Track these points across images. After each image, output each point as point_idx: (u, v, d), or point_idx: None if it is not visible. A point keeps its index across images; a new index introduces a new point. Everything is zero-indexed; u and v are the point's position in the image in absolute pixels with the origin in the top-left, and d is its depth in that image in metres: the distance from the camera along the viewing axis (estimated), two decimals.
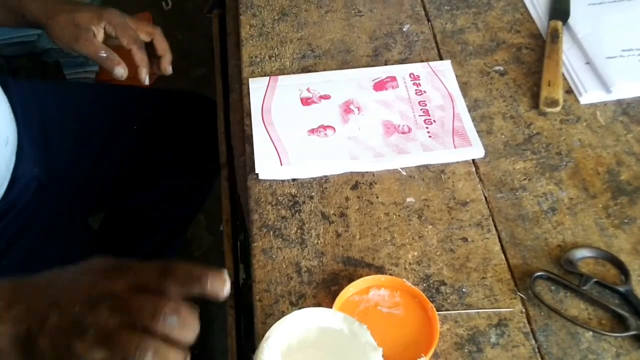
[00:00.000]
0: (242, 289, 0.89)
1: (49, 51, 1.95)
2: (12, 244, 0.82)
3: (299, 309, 0.64)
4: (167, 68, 0.94)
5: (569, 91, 0.82)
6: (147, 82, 0.92)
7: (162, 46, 0.93)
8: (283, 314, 0.63)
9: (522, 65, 0.85)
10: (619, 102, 0.80)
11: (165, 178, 1.09)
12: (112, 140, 1.03)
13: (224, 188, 1.00)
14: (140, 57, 0.89)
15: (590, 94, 0.80)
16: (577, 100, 0.81)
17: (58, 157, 0.95)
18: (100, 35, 0.90)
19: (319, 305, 0.64)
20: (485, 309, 0.63)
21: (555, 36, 0.85)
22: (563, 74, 0.83)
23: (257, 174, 0.74)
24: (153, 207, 1.11)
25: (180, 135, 1.03)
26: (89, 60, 1.97)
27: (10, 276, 0.50)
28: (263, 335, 0.62)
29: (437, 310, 0.63)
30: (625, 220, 0.69)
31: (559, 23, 0.87)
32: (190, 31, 2.04)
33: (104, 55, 0.88)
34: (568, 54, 0.85)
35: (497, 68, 0.85)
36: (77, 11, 0.89)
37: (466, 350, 0.61)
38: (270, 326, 0.64)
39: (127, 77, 0.89)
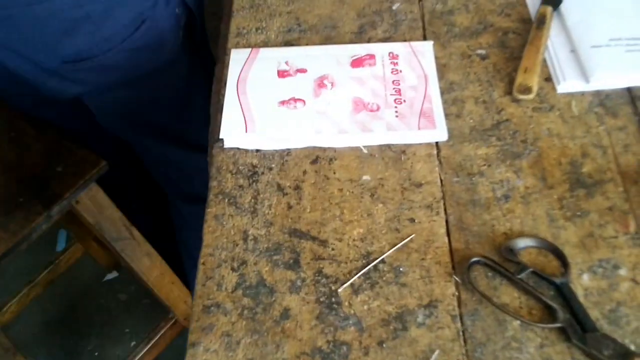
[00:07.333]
0: None
1: None
2: None
3: (239, 274, 0.67)
4: None
5: (548, 79, 0.80)
6: None
7: None
8: (223, 278, 0.66)
9: (505, 50, 0.84)
10: (597, 93, 0.78)
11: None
12: None
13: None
14: None
15: (568, 83, 0.79)
16: (554, 89, 0.79)
17: None
18: None
19: (258, 273, 0.66)
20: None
21: (541, 22, 0.84)
22: (546, 61, 0.82)
23: (222, 142, 0.77)
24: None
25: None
26: None
27: None
28: (200, 297, 0.66)
29: (372, 286, 0.64)
30: (578, 213, 0.68)
31: (549, 9, 0.85)
32: None
33: None
34: (554, 41, 0.83)
35: (479, 51, 0.84)
36: None
37: (392, 327, 0.62)
38: (209, 288, 0.67)
39: None
